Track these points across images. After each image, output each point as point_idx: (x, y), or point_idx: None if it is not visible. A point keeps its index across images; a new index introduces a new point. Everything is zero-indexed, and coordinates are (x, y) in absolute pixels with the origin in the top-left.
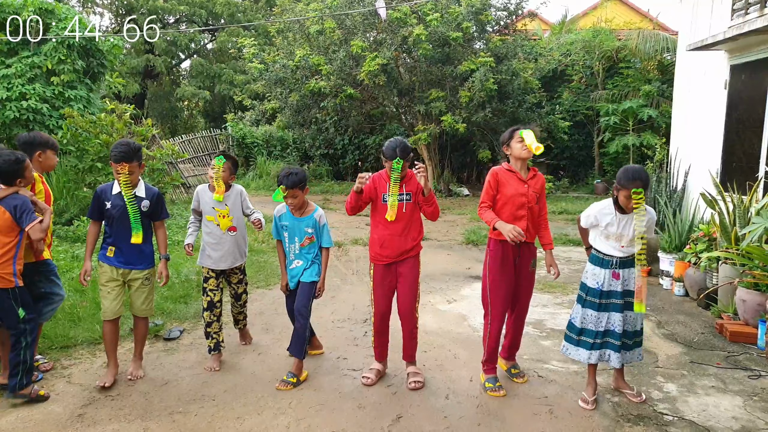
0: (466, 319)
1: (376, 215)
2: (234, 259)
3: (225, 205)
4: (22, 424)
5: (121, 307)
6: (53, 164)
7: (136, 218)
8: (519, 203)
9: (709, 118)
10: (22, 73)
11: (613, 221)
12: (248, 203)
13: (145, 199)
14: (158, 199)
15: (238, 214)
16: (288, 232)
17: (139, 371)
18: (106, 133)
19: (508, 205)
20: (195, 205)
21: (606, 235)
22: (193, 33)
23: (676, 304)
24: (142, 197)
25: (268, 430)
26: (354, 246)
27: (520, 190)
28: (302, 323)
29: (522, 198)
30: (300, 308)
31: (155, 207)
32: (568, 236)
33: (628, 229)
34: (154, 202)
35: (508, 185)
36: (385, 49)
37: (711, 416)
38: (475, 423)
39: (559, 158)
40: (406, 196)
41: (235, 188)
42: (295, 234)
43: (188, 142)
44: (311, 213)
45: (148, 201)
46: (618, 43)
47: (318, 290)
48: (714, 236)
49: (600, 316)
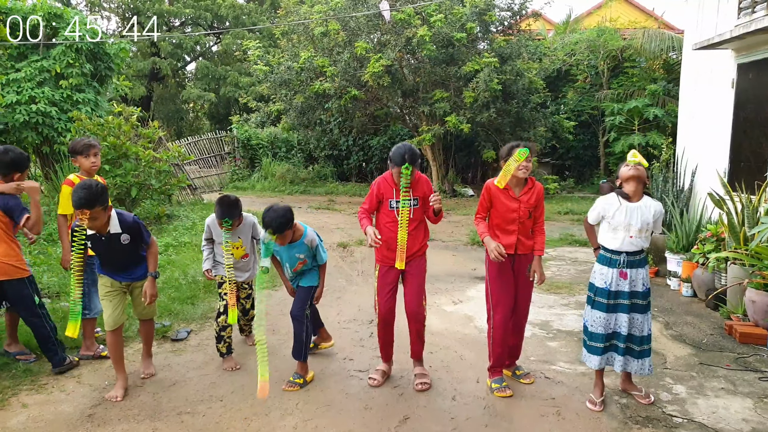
0: (472, 320)
1: (381, 218)
2: (249, 275)
3: (238, 238)
4: (33, 423)
5: (122, 315)
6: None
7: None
8: (510, 219)
9: (716, 117)
10: (31, 77)
11: (620, 210)
12: (258, 231)
13: (123, 233)
14: (136, 228)
15: (249, 243)
16: (281, 257)
17: (151, 368)
18: (113, 135)
19: (499, 219)
20: (207, 235)
21: (614, 226)
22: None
23: (684, 305)
24: (119, 233)
25: (275, 430)
26: (359, 247)
27: (512, 206)
28: (299, 327)
29: (513, 214)
30: (296, 313)
31: (135, 236)
32: (573, 236)
33: (635, 218)
34: (134, 233)
35: (500, 201)
36: (389, 50)
37: (721, 418)
38: (482, 424)
39: (564, 158)
40: (413, 201)
41: (248, 220)
42: (286, 261)
43: (194, 144)
44: (300, 238)
45: (127, 234)
46: (623, 42)
47: (315, 299)
48: (722, 236)
49: (609, 317)
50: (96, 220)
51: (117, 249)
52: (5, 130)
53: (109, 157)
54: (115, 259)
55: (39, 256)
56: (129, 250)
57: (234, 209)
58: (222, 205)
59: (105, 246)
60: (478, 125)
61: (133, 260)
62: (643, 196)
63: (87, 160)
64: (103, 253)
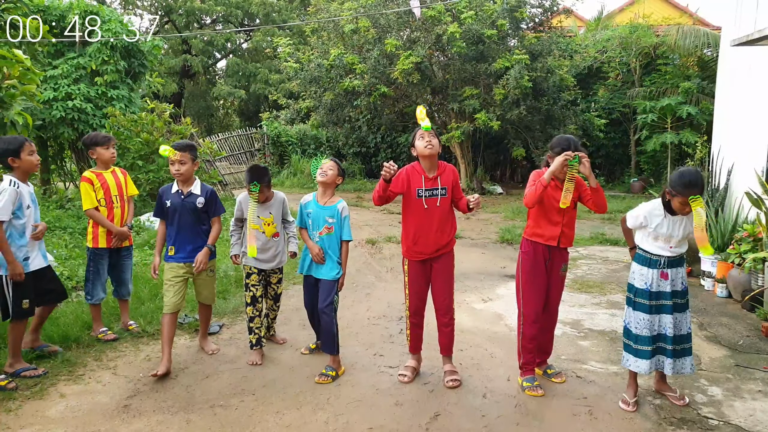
0: (502, 318)
1: (408, 210)
2: (279, 260)
3: (269, 213)
4: (71, 413)
5: (181, 301)
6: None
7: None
8: (556, 208)
9: (754, 115)
10: (68, 74)
11: (663, 222)
12: (288, 211)
13: (200, 196)
14: (213, 196)
15: (280, 221)
16: (311, 219)
17: (212, 346)
18: (146, 131)
19: (546, 209)
20: (238, 213)
21: (655, 236)
22: (229, 33)
23: (719, 305)
24: (197, 194)
25: (307, 425)
26: (387, 243)
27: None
28: (328, 321)
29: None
30: (322, 307)
31: (210, 204)
32: (604, 235)
33: (678, 230)
34: (210, 200)
35: (548, 193)
36: (419, 47)
37: (759, 421)
38: (513, 422)
39: (595, 156)
40: (441, 191)
41: (278, 196)
42: (317, 222)
43: (224, 140)
44: (335, 203)
45: (203, 198)
46: (656, 39)
47: (339, 285)
48: (759, 236)
49: (652, 319)
50: (183, 165)
51: (190, 211)
52: (42, 125)
53: (142, 153)
54: (185, 224)
55: (74, 250)
56: (199, 218)
57: (263, 174)
58: (251, 171)
59: (181, 204)
60: (508, 122)
61: (199, 233)
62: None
63: (107, 151)
64: (178, 213)
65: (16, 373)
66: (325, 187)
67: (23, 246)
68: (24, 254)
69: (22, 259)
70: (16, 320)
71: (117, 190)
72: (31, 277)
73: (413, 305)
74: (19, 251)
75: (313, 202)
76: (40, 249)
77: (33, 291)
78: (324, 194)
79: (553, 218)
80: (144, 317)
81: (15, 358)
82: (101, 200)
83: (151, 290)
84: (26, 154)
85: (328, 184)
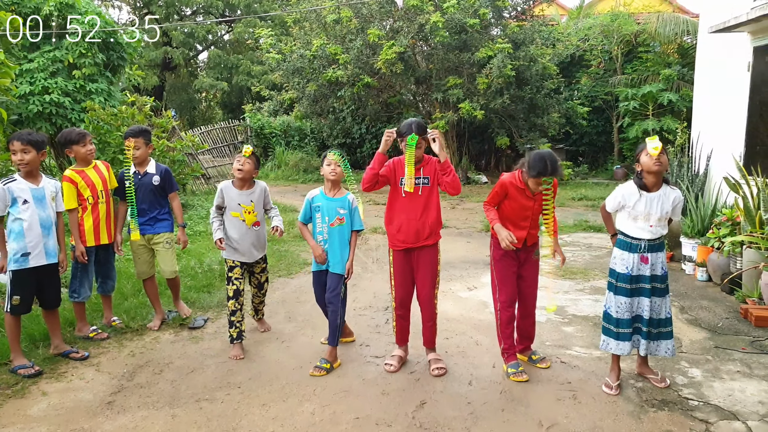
0: (487, 306)
1: (393, 199)
2: (259, 251)
3: (250, 201)
4: (54, 411)
5: (150, 268)
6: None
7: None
8: (523, 216)
9: (732, 101)
10: (44, 67)
11: (640, 201)
12: (269, 199)
13: (155, 174)
14: (167, 174)
15: (261, 210)
16: (321, 212)
17: (187, 310)
18: (127, 125)
19: (513, 215)
20: (219, 201)
21: (634, 216)
22: (210, 24)
23: (699, 289)
24: (152, 173)
25: (293, 416)
26: (373, 234)
27: (527, 204)
28: (334, 311)
29: (527, 212)
30: (330, 297)
31: (165, 181)
32: (588, 222)
33: (655, 207)
34: (165, 177)
35: (516, 200)
36: (402, 37)
37: (737, 401)
38: (498, 408)
39: (578, 144)
40: (423, 180)
41: (259, 185)
42: (327, 214)
43: (207, 133)
44: (345, 195)
45: (158, 177)
46: (637, 27)
47: (347, 273)
48: (737, 220)
49: (632, 302)
50: (139, 150)
51: (148, 189)
52: (19, 120)
53: (123, 147)
54: (144, 201)
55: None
56: (157, 194)
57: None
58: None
59: (139, 183)
60: (492, 112)
61: (156, 208)
62: (662, 184)
63: (84, 148)
64: (137, 191)
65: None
66: (334, 183)
67: (21, 241)
68: (23, 249)
69: (21, 255)
70: (11, 314)
71: (102, 186)
72: (31, 273)
73: (398, 296)
74: (18, 246)
75: (321, 195)
76: (45, 246)
77: (34, 287)
78: (332, 188)
79: (520, 223)
80: (127, 313)
81: (14, 353)
82: (89, 198)
83: (134, 285)
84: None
85: (337, 181)
